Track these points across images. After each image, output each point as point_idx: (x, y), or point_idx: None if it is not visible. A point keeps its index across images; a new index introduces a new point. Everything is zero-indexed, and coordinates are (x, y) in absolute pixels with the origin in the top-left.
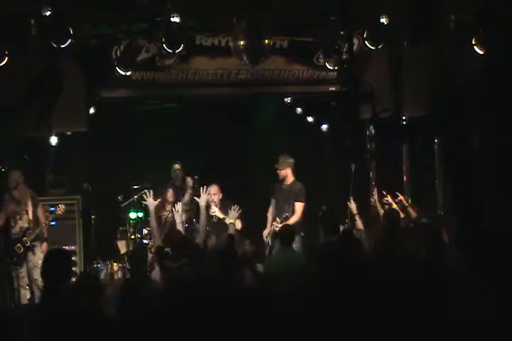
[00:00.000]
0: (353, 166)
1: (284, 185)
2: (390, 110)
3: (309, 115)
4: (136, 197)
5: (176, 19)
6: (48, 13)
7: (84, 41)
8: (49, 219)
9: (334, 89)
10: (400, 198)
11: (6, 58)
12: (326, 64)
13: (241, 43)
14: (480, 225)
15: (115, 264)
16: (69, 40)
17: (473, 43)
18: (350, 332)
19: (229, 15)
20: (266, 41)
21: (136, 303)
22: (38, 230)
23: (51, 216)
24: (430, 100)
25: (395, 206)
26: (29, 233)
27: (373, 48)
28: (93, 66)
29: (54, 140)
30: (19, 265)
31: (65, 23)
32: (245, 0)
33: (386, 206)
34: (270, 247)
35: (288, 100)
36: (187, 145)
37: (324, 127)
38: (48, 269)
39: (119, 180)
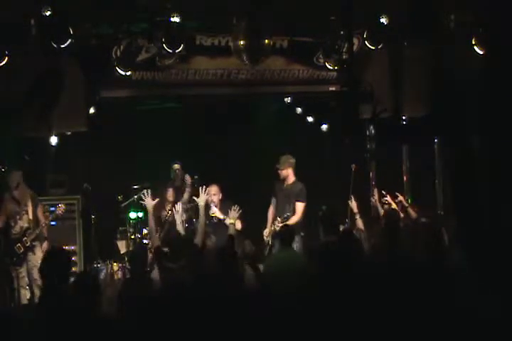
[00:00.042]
0: (353, 166)
1: (285, 185)
2: (388, 110)
3: (309, 115)
4: (136, 197)
5: (176, 19)
6: (48, 13)
7: (84, 41)
8: (49, 219)
9: (334, 89)
10: (400, 199)
11: (6, 58)
12: (326, 64)
13: (241, 43)
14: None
15: (115, 264)
16: (69, 40)
17: (473, 43)
18: (350, 332)
19: (229, 15)
20: (266, 41)
21: (136, 303)
22: (38, 230)
23: (51, 216)
24: (430, 100)
25: (395, 206)
26: (29, 233)
27: (373, 48)
28: (93, 66)
29: (54, 140)
30: (19, 265)
31: (65, 23)
32: (245, 0)
33: (386, 206)
34: (270, 247)
35: (288, 100)
36: (187, 145)
37: (324, 127)
38: (48, 269)
39: (119, 180)
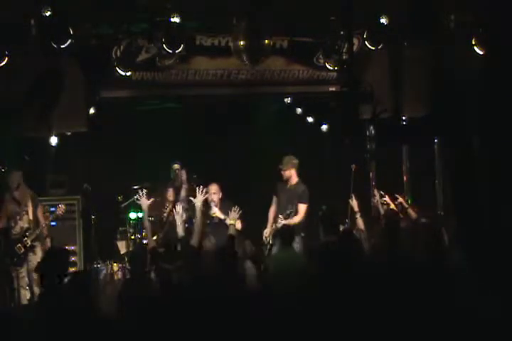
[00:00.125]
0: (353, 166)
1: (288, 186)
2: (388, 110)
3: (309, 115)
4: (135, 198)
5: (176, 19)
6: (48, 13)
7: (84, 41)
8: (49, 219)
9: (334, 89)
10: (400, 200)
11: (6, 58)
12: (326, 64)
13: (241, 43)
14: (480, 225)
15: (115, 264)
16: (69, 40)
17: (473, 43)
18: (350, 333)
19: (229, 15)
20: (266, 41)
21: (135, 303)
22: (38, 230)
23: (51, 216)
24: (430, 100)
25: (393, 206)
26: (29, 233)
27: (373, 48)
28: (93, 66)
29: (54, 140)
30: (19, 265)
31: (65, 23)
32: (245, 0)
33: (385, 206)
34: (271, 246)
35: (288, 100)
36: (187, 145)
37: (324, 127)
38: (47, 269)
39: (119, 180)
